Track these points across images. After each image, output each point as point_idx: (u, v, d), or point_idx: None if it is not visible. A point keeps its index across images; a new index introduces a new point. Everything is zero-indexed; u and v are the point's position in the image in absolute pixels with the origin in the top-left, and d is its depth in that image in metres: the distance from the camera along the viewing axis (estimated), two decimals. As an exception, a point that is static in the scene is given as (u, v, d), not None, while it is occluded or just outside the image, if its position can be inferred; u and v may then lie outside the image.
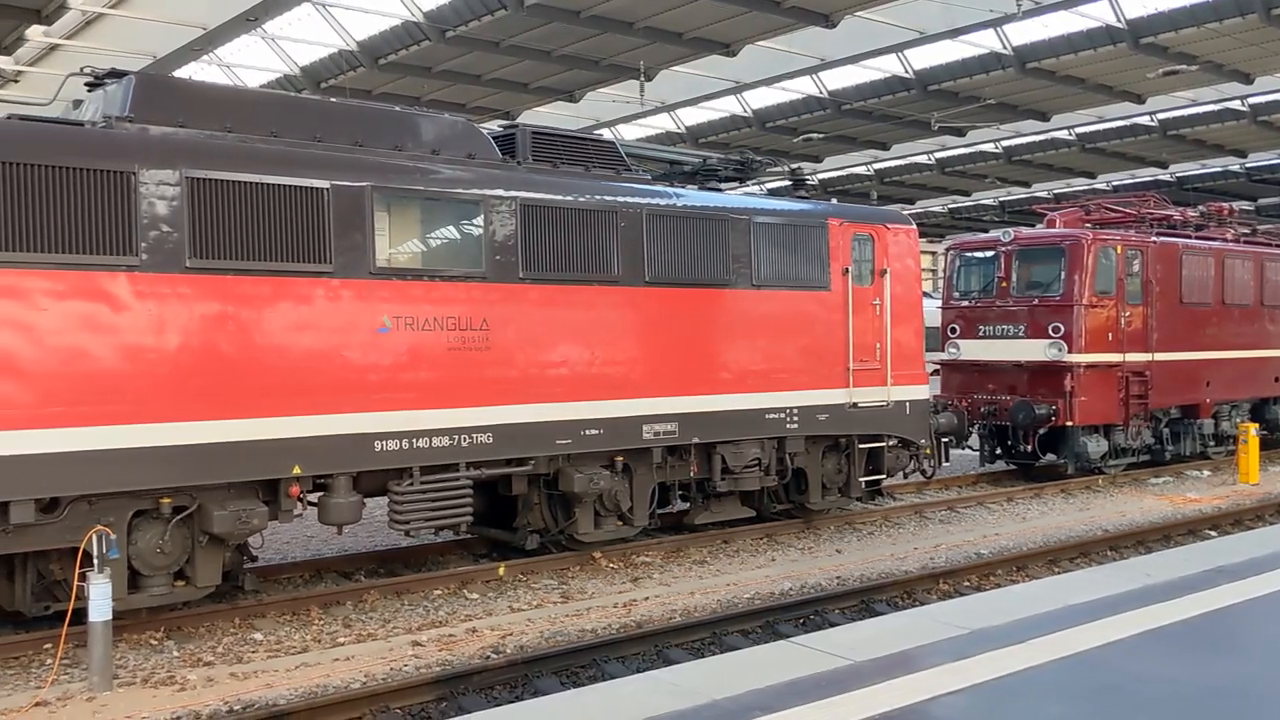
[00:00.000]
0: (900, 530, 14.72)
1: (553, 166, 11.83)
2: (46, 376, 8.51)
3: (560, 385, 11.24)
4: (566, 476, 11.57)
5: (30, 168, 8.44)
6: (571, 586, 11.42)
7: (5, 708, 7.86)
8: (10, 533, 8.59)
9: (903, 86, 28.87)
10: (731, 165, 14.21)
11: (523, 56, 25.26)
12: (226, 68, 26.92)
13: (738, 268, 12.75)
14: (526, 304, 11.03)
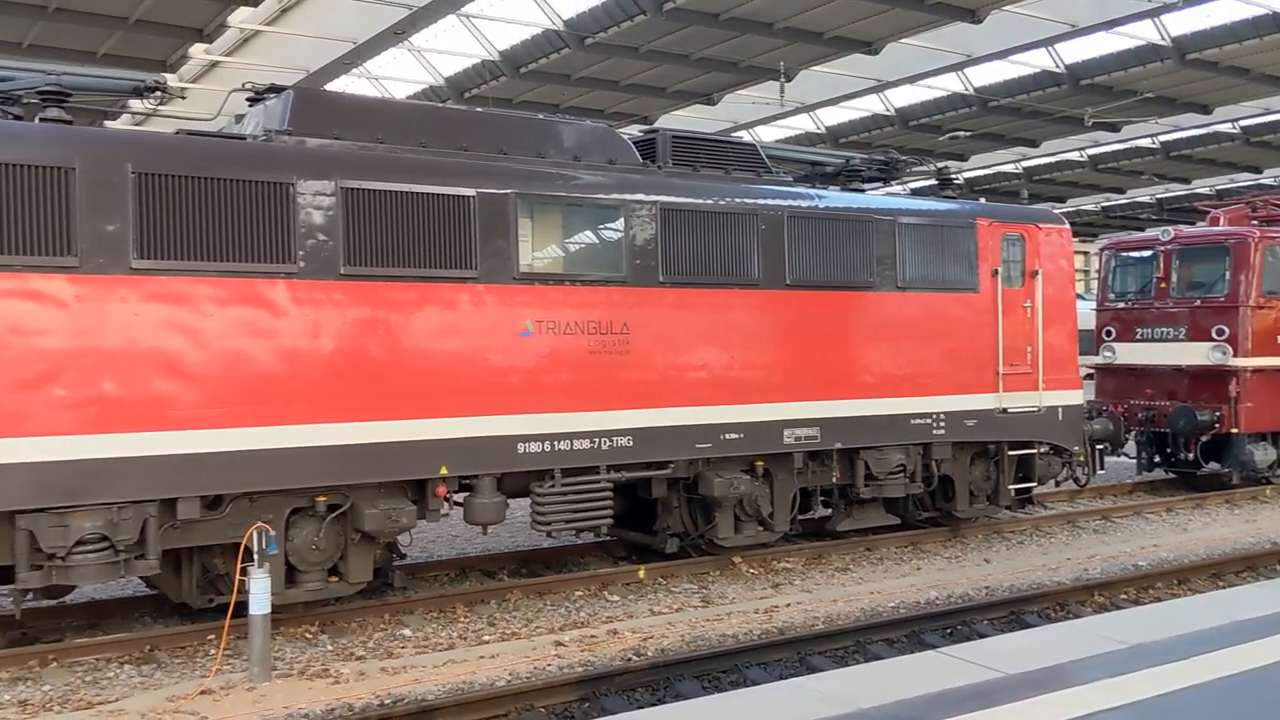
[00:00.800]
0: (1051, 540, 14.23)
1: (693, 170, 11.84)
2: (211, 379, 8.92)
3: (700, 389, 11.23)
4: (706, 480, 11.55)
5: (198, 180, 8.86)
6: (711, 591, 11.39)
7: (174, 694, 8.25)
8: (178, 528, 9.02)
9: (1053, 81, 27.96)
10: (875, 165, 13.98)
11: (661, 61, 25.36)
12: (375, 80, 27.81)
13: (882, 270, 12.53)
14: (666, 307, 11.06)
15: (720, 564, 12.22)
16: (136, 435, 8.64)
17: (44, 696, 8.23)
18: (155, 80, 9.54)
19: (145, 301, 8.67)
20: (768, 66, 25.45)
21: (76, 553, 8.48)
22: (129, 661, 9.07)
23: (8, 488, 8.17)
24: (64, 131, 8.70)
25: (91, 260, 8.47)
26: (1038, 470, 14.02)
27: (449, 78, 27.10)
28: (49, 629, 9.94)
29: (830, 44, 24.31)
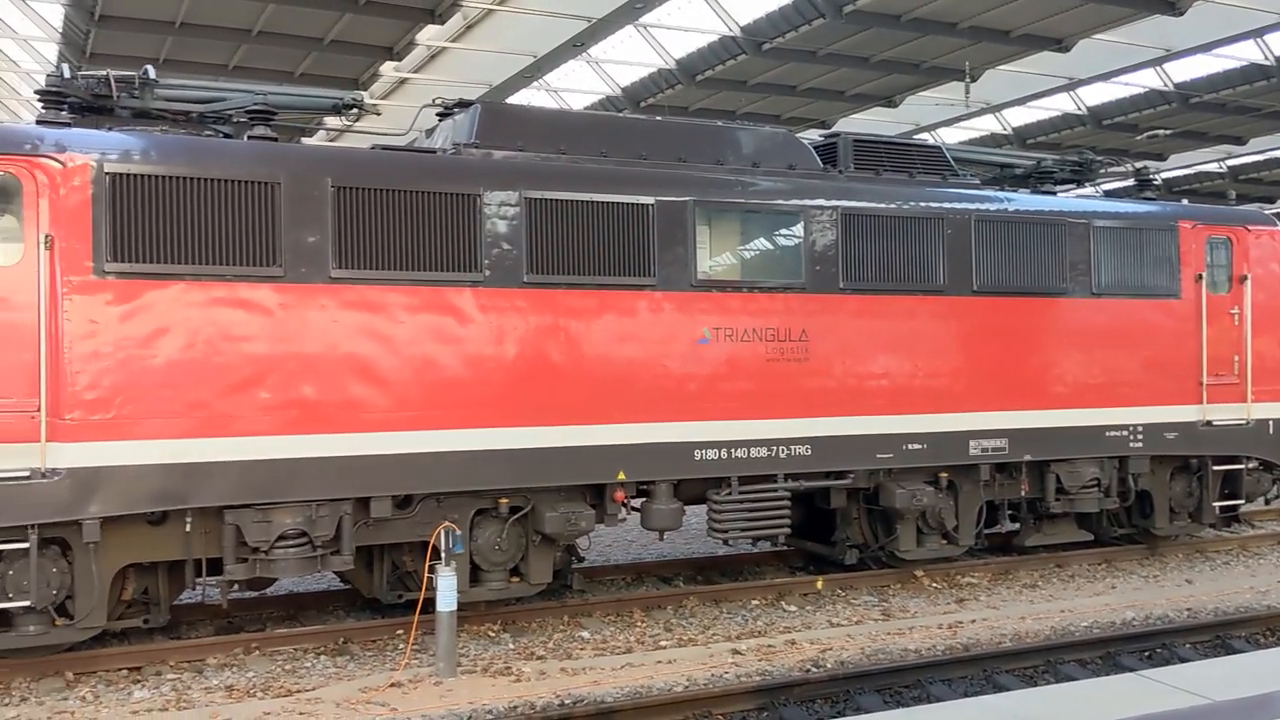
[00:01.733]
0: (1260, 561, 13.33)
1: (875, 174, 11.62)
2: (402, 384, 9.26)
3: (881, 397, 11.01)
4: (887, 491, 11.30)
5: (391, 193, 9.23)
6: (892, 604, 11.14)
7: (366, 685, 8.59)
8: (371, 526, 9.39)
9: (1261, 75, 26.24)
10: (1068, 166, 13.42)
11: (839, 64, 25.02)
12: (554, 92, 28.41)
13: (1075, 275, 12.02)
14: (846, 314, 10.89)
15: (901, 577, 11.94)
16: (333, 436, 9.04)
17: (248, 683, 8.69)
18: (352, 98, 9.98)
19: (342, 309, 9.08)
20: (952, 67, 24.78)
21: (278, 547, 8.93)
22: (324, 652, 9.50)
23: (218, 484, 8.68)
24: (270, 148, 9.19)
25: (294, 270, 8.92)
26: (1245, 487, 13.17)
27: (625, 88, 27.43)
28: (252, 619, 10.51)
29: (1018, 42, 23.49)
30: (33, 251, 8.24)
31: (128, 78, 9.13)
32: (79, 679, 8.74)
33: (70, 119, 8.87)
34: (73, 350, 8.29)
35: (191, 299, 8.63)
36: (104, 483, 8.36)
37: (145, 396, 8.47)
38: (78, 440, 8.30)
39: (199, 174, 8.66)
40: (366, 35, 24.52)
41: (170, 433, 8.54)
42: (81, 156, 8.38)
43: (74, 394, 8.28)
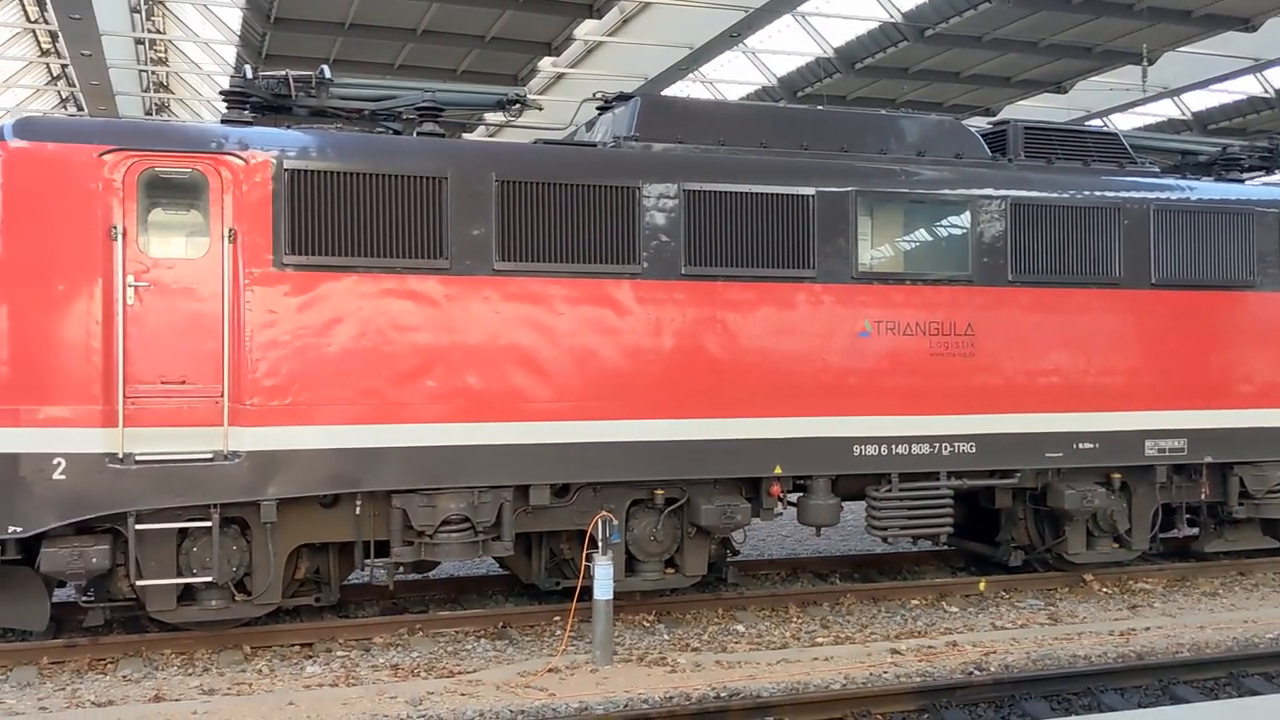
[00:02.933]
0: None
1: (1047, 162, 11.19)
2: (561, 374, 9.39)
3: (1051, 394, 10.61)
4: (1056, 492, 10.89)
5: (553, 186, 9.36)
6: (1060, 608, 10.74)
7: (525, 670, 8.75)
8: (530, 513, 9.56)
9: None
10: (1256, 153, 12.65)
11: (1006, 49, 24.20)
12: (709, 84, 28.35)
13: (1264, 267, 11.36)
14: (1015, 308, 10.53)
15: (1069, 580, 11.50)
16: (495, 425, 9.24)
17: (412, 662, 8.96)
18: (516, 94, 10.15)
19: (505, 301, 9.26)
20: (1127, 50, 23.67)
21: (442, 531, 9.18)
22: (484, 635, 9.72)
23: (386, 470, 8.97)
24: (438, 144, 9.44)
25: (460, 262, 9.13)
26: None
27: (782, 77, 27.15)
28: (415, 601, 10.83)
29: (1200, 23, 22.28)
30: (218, 245, 8.66)
31: (305, 77, 9.50)
32: (255, 652, 9.16)
33: (252, 118, 9.29)
34: (253, 339, 8.68)
35: (364, 290, 8.93)
36: (281, 466, 8.73)
37: (320, 384, 8.81)
38: (257, 425, 8.68)
39: (371, 170, 8.95)
40: (526, 31, 24.94)
41: (342, 419, 8.87)
42: (262, 154, 8.76)
43: (254, 380, 8.66)
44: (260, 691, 8.27)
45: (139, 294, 8.47)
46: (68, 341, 8.31)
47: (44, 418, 8.25)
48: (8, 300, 8.24)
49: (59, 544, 8.39)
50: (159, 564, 8.70)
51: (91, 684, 8.39)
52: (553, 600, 10.41)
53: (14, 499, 8.19)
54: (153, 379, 8.49)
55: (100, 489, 8.33)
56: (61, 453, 8.27)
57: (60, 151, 8.39)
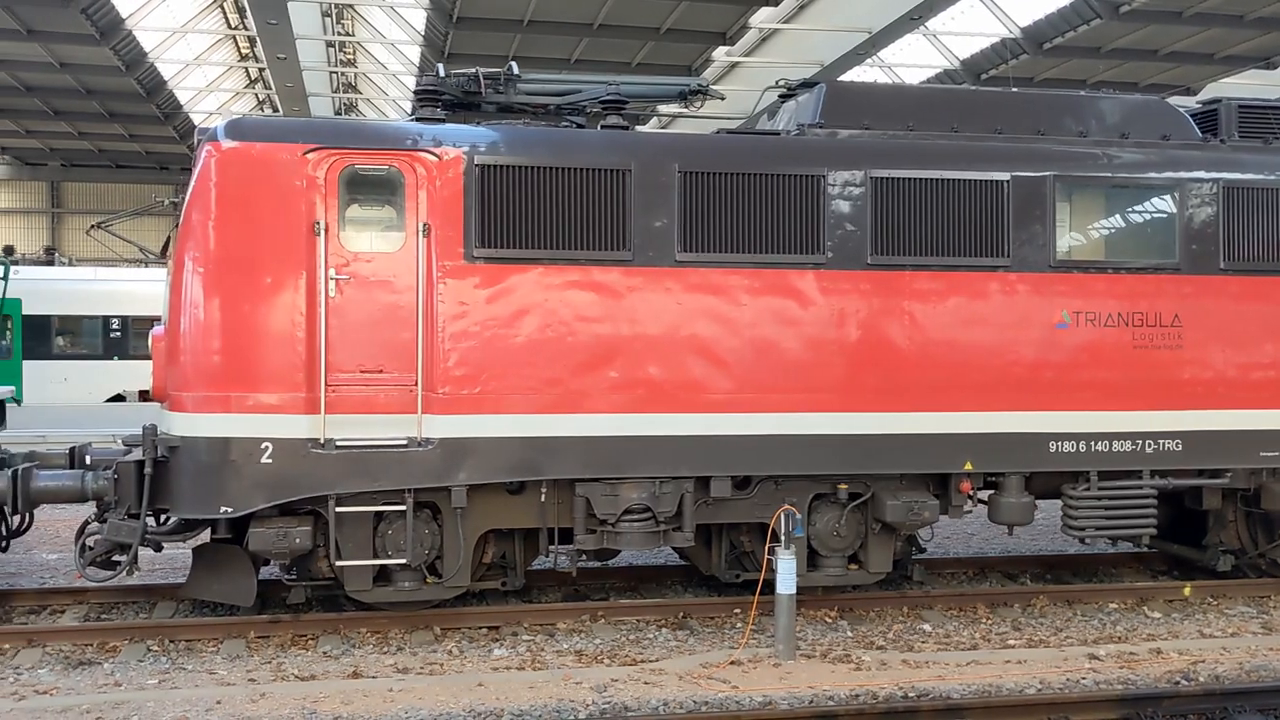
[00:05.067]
0: None
1: (1263, 143, 10.48)
2: (742, 366, 9.32)
3: (1267, 390, 9.96)
4: (1271, 494, 10.21)
5: (735, 176, 9.29)
6: (1274, 617, 10.07)
7: (706, 661, 8.73)
8: (710, 505, 9.54)
9: None
10: None
11: (1209, 24, 22.83)
12: (887, 68, 27.73)
13: None
14: (1227, 297, 9.91)
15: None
16: (676, 416, 9.24)
17: (596, 649, 9.07)
18: (699, 84, 10.13)
19: (687, 292, 9.25)
20: (1343, 20, 22.03)
21: (624, 520, 9.25)
22: (665, 625, 9.76)
23: (570, 458, 9.09)
24: (622, 136, 9.50)
25: (642, 254, 9.17)
26: None
27: (965, 60, 26.32)
28: (596, 588, 10.97)
29: None
30: (412, 239, 8.93)
31: (494, 74, 9.71)
32: (445, 633, 9.44)
33: (444, 115, 9.53)
34: (445, 330, 8.92)
35: (549, 282, 9.07)
36: (470, 453, 8.95)
37: (507, 373, 8.99)
38: (448, 413, 8.93)
39: (556, 163, 9.07)
40: (700, 21, 24.93)
41: (528, 408, 9.03)
42: (454, 150, 8.98)
43: (445, 370, 8.91)
44: (451, 672, 8.52)
45: (339, 286, 8.82)
46: (274, 332, 8.72)
47: (252, 404, 8.68)
48: (220, 293, 8.71)
49: (265, 524, 8.83)
50: (356, 546, 9.05)
51: (294, 658, 8.80)
52: (731, 592, 10.37)
53: (225, 481, 8.65)
54: (351, 368, 8.82)
55: (303, 473, 8.72)
56: (268, 438, 8.69)
57: (267, 151, 8.80)
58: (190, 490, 8.71)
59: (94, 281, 25.89)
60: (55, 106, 34.75)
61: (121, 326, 24.98)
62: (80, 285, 25.54)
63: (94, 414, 21.91)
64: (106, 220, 26.61)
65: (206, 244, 8.71)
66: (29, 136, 39.73)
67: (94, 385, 24.65)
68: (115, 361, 24.86)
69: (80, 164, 44.22)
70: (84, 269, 28.60)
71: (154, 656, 8.82)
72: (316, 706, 7.62)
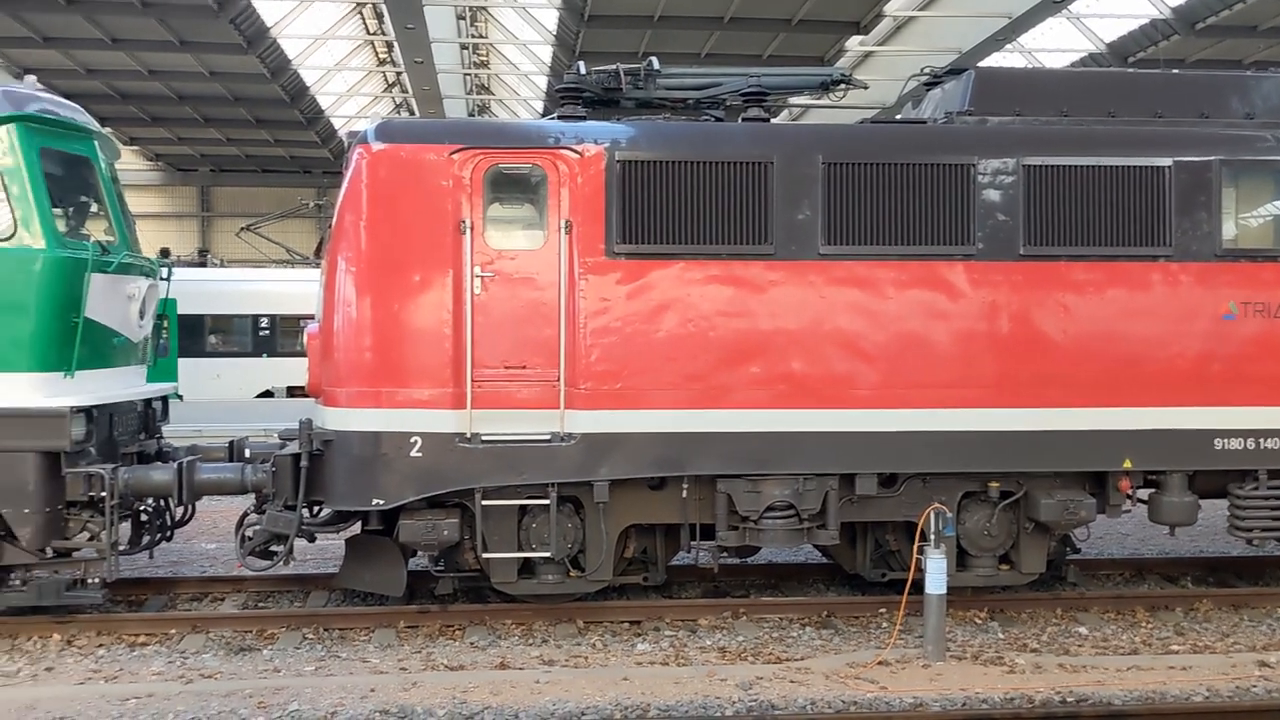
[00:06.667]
0: None
1: None
2: (888, 360, 9.14)
3: None
4: None
5: (881, 166, 9.11)
6: None
7: (853, 661, 8.59)
8: (855, 502, 9.38)
9: None
10: None
11: (1376, -3, 21.55)
12: (1028, 54, 26.90)
13: None
14: None
15: None
16: (820, 412, 9.12)
17: (739, 646, 9.01)
18: (841, 74, 9.96)
19: (831, 285, 9.11)
20: None
21: (767, 517, 9.16)
22: (809, 624, 9.64)
23: (712, 454, 9.05)
24: (762, 129, 9.40)
25: (785, 247, 9.07)
26: None
27: (1111, 43, 25.38)
28: (737, 585, 10.90)
29: None
30: (554, 236, 9.00)
31: (635, 70, 9.71)
32: (588, 627, 9.50)
33: (584, 113, 9.58)
34: (586, 326, 8.97)
35: (690, 277, 9.04)
36: (612, 448, 8.99)
37: (648, 369, 9.00)
38: (590, 408, 8.98)
39: (697, 157, 9.03)
40: (833, 12, 24.64)
41: (669, 403, 9.02)
42: (595, 147, 9.02)
43: (587, 365, 8.96)
44: (595, 665, 8.57)
45: (484, 284, 8.95)
46: (422, 329, 8.90)
47: (402, 399, 8.88)
48: (371, 291, 8.92)
49: (415, 516, 9.02)
50: (502, 538, 9.17)
51: (443, 648, 8.98)
52: (876, 591, 10.19)
53: (376, 474, 8.86)
54: (496, 364, 8.94)
55: (450, 466, 8.88)
56: (417, 432, 8.87)
57: (415, 152, 8.98)
58: (343, 483, 8.95)
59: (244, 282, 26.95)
60: (205, 114, 36.30)
61: (270, 325, 25.93)
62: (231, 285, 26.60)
63: (245, 409, 22.80)
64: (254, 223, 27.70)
65: (358, 244, 8.93)
66: (181, 144, 41.59)
67: (245, 381, 25.64)
68: (264, 358, 25.82)
69: (229, 169, 46.10)
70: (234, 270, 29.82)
71: (310, 644, 9.10)
72: (466, 696, 7.75)
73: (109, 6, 25.40)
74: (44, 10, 25.42)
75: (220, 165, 45.83)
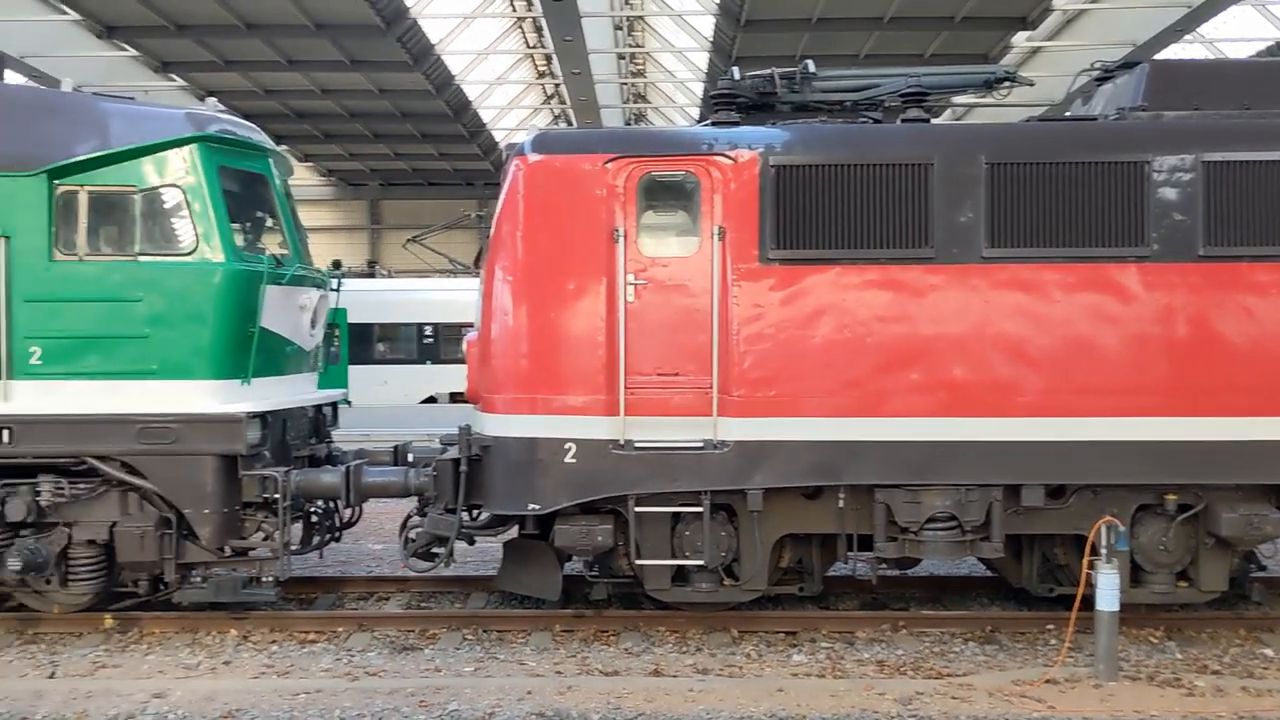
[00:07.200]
0: None
1: None
2: (1056, 367, 8.78)
3: None
4: None
5: (1047, 166, 8.77)
6: None
7: (1018, 678, 8.28)
8: (1020, 514, 9.04)
9: None
10: None
11: None
12: (1209, 44, 25.55)
13: None
14: None
15: None
16: (983, 420, 8.83)
17: (898, 660, 8.79)
18: (1005, 71, 9.63)
19: (994, 290, 8.81)
20: None
21: (927, 529, 8.91)
22: (971, 639, 9.34)
23: (869, 463, 8.86)
24: (922, 130, 9.17)
25: (946, 250, 8.82)
26: None
27: (1301, 30, 23.88)
28: (896, 597, 10.64)
29: None
30: (707, 242, 8.97)
31: (790, 73, 9.61)
32: (743, 636, 9.43)
33: (739, 118, 9.53)
34: (739, 333, 8.91)
35: (846, 282, 8.88)
36: (766, 456, 8.89)
37: (802, 376, 8.87)
38: (743, 416, 8.91)
39: (854, 160, 8.87)
40: (999, 8, 23.92)
41: (824, 411, 8.87)
42: (748, 152, 8.96)
43: (740, 373, 8.89)
44: (750, 675, 8.49)
45: (637, 291, 8.99)
46: (577, 336, 8.99)
47: (557, 406, 8.99)
48: (527, 299, 9.07)
49: (570, 522, 9.12)
50: (655, 545, 9.19)
51: (598, 653, 9.04)
52: (1043, 607, 9.80)
53: (532, 479, 9.00)
54: (649, 371, 8.97)
55: (604, 473, 8.94)
56: (572, 438, 8.97)
57: (570, 162, 9.09)
58: (501, 487, 9.12)
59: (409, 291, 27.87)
60: (375, 130, 37.72)
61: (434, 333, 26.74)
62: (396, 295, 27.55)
63: (410, 414, 23.56)
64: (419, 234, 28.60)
65: (515, 254, 9.09)
66: (352, 159, 43.33)
67: (410, 388, 26.52)
68: (429, 366, 26.65)
69: (396, 183, 47.80)
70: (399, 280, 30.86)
71: (469, 644, 9.31)
72: (620, 702, 7.78)
73: (286, 29, 26.66)
74: (226, 35, 26.87)
75: (388, 179, 47.54)
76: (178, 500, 9.16)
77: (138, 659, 8.96)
